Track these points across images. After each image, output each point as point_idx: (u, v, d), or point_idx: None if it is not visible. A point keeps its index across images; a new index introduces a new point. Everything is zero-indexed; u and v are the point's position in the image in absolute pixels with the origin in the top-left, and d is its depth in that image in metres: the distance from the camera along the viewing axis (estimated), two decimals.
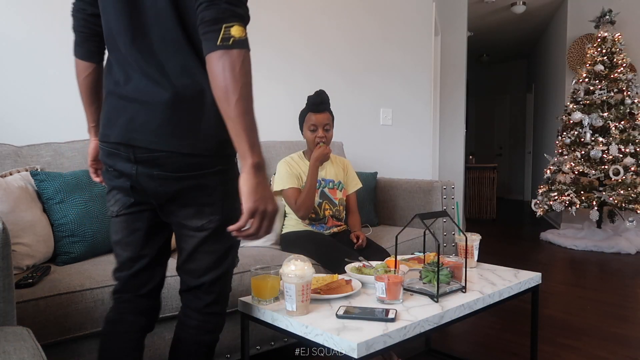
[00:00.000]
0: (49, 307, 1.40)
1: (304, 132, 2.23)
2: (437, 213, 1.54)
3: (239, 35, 0.93)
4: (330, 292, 1.40)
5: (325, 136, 2.18)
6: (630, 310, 2.71)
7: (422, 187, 2.72)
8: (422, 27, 3.93)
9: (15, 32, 2.14)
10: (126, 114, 1.03)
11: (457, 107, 5.13)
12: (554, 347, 2.18)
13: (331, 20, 3.35)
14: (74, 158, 2.00)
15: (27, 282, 1.44)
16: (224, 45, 0.92)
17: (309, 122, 2.17)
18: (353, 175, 2.41)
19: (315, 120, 2.15)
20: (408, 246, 2.43)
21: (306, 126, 2.19)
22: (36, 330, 1.36)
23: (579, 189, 4.55)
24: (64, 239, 1.75)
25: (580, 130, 4.60)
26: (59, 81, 2.25)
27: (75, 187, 1.81)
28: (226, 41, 0.92)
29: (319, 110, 2.16)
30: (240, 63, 0.93)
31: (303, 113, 2.22)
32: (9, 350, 0.89)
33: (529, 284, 1.68)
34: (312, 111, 2.17)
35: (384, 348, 1.16)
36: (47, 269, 1.59)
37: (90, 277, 1.53)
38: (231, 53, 0.92)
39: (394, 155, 3.74)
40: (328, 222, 2.24)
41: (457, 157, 5.17)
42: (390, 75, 3.70)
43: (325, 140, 2.18)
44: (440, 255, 1.45)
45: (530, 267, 2.44)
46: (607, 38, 4.63)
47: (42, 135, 2.17)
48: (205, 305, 1.17)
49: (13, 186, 1.69)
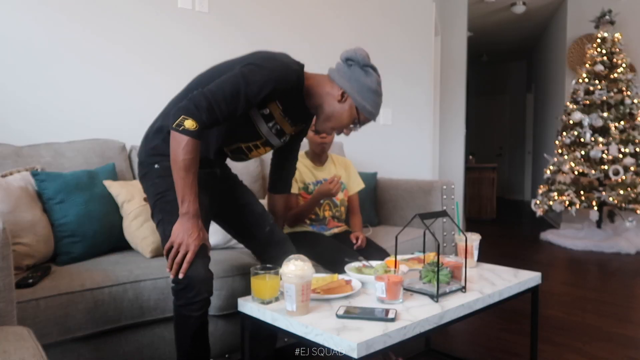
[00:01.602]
0: (50, 307, 1.40)
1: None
2: (437, 213, 1.54)
3: (189, 126, 1.34)
4: (330, 292, 1.40)
5: (327, 137, 2.18)
6: (630, 310, 2.71)
7: (422, 187, 2.72)
8: (422, 27, 3.93)
9: (15, 32, 2.14)
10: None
11: (457, 107, 5.13)
12: (554, 347, 2.18)
13: (331, 20, 3.35)
14: (74, 158, 2.00)
15: (27, 282, 1.44)
16: (175, 129, 1.34)
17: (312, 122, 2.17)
18: (355, 176, 2.40)
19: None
20: (408, 246, 2.43)
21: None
22: (37, 330, 1.36)
23: (579, 189, 4.55)
24: (64, 239, 1.75)
25: (580, 130, 4.60)
26: (59, 81, 2.25)
27: (75, 187, 1.81)
28: (178, 127, 1.34)
29: None
30: (183, 145, 1.34)
31: None
32: (9, 350, 0.89)
33: (528, 284, 1.68)
34: None
35: (384, 348, 1.16)
36: (48, 269, 1.59)
37: (91, 278, 1.53)
38: (178, 135, 1.34)
39: (394, 155, 3.73)
40: (329, 223, 2.24)
41: (457, 157, 5.17)
42: (390, 75, 3.70)
43: (327, 142, 2.19)
44: (440, 255, 1.45)
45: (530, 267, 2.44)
46: (607, 38, 4.63)
47: (42, 135, 2.17)
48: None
49: (13, 186, 1.69)
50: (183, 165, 1.35)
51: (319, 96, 1.57)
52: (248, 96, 1.41)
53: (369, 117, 1.60)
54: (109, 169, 2.02)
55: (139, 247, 1.84)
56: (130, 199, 1.89)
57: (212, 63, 2.74)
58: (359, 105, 1.56)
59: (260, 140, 1.61)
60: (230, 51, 2.83)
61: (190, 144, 1.34)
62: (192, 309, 1.38)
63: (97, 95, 2.36)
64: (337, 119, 1.58)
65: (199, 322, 1.41)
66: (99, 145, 2.10)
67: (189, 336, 1.41)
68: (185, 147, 1.34)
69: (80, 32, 2.31)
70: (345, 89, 1.55)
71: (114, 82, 2.41)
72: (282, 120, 1.60)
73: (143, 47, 2.51)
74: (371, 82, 1.57)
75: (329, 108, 1.57)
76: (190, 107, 1.35)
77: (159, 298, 1.59)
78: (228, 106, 1.39)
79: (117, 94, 2.42)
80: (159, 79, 2.56)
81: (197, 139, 1.36)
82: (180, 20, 2.63)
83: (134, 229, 1.86)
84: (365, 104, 1.56)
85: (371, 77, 1.58)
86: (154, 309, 1.58)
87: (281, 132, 1.63)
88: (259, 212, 1.73)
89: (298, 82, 1.54)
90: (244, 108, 1.43)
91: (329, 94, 1.56)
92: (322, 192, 2.07)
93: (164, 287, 1.60)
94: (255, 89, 1.41)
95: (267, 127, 1.58)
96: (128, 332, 1.57)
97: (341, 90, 1.55)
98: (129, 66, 2.46)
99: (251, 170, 2.52)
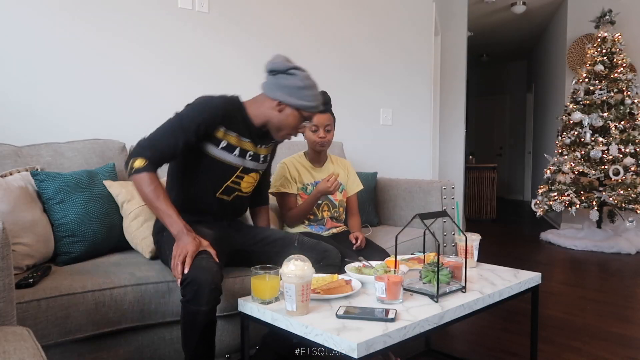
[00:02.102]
0: (51, 307, 1.40)
1: (305, 132, 2.23)
2: (437, 213, 1.54)
3: (138, 165, 1.50)
4: (330, 292, 1.40)
5: (326, 137, 2.18)
6: (630, 310, 2.71)
7: (422, 187, 2.72)
8: (422, 27, 3.92)
9: (15, 33, 2.14)
10: None
11: (457, 107, 5.13)
12: (554, 347, 2.18)
13: (331, 20, 3.35)
14: (74, 158, 2.00)
15: (27, 282, 1.44)
16: (130, 173, 1.53)
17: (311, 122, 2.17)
18: (354, 177, 2.40)
19: (316, 121, 2.15)
20: (408, 246, 2.43)
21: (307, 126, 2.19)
22: (37, 331, 1.36)
23: (579, 189, 4.55)
24: (64, 239, 1.75)
25: (580, 130, 4.59)
26: (60, 81, 2.26)
27: (75, 187, 1.81)
28: (131, 170, 1.52)
29: (320, 111, 2.16)
30: (142, 182, 1.51)
31: None
32: (9, 350, 0.89)
33: (528, 284, 1.68)
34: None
35: (384, 348, 1.16)
36: (48, 269, 1.59)
37: (92, 279, 1.54)
38: (135, 177, 1.52)
39: (394, 155, 3.73)
40: (327, 223, 2.24)
41: (457, 157, 5.17)
42: (390, 75, 3.70)
43: (326, 141, 2.19)
44: (440, 255, 1.45)
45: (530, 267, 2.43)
46: (607, 38, 4.63)
47: (42, 135, 2.17)
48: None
49: (13, 186, 1.69)
50: (152, 197, 1.50)
51: (263, 115, 1.71)
52: (184, 127, 1.56)
53: (312, 110, 1.72)
54: (109, 169, 2.02)
55: (139, 247, 1.84)
56: (130, 199, 1.89)
57: (212, 63, 2.77)
58: (297, 106, 1.68)
59: (238, 169, 1.73)
60: (230, 51, 2.84)
61: (146, 177, 1.51)
62: (199, 303, 1.39)
63: (97, 95, 2.36)
64: (285, 127, 1.71)
65: (207, 318, 1.42)
66: (98, 146, 2.10)
67: (196, 333, 1.42)
68: (145, 182, 1.50)
69: (80, 32, 2.31)
70: (278, 98, 1.67)
71: (114, 82, 2.41)
72: (243, 144, 1.71)
73: (143, 47, 2.51)
74: (298, 81, 1.67)
75: (275, 120, 1.70)
76: (134, 150, 1.55)
77: (160, 302, 1.59)
78: (168, 140, 1.55)
79: (117, 94, 2.42)
80: (159, 79, 2.56)
81: (151, 171, 1.52)
82: (180, 20, 2.63)
83: (134, 229, 1.86)
84: (301, 102, 1.68)
85: (296, 77, 1.68)
86: (154, 312, 1.58)
87: (254, 155, 1.75)
88: (281, 235, 1.83)
89: (236, 108, 1.69)
90: (185, 140, 1.57)
91: (269, 108, 1.70)
92: (320, 191, 2.08)
93: (165, 292, 1.60)
94: (187, 121, 1.57)
95: (233, 156, 1.70)
96: (128, 333, 1.57)
97: (275, 101, 1.68)
98: (129, 66, 2.46)
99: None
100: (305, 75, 1.70)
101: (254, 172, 1.78)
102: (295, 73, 1.68)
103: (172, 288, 1.60)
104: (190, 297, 1.40)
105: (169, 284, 1.60)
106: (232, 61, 2.84)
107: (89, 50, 2.33)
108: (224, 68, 2.81)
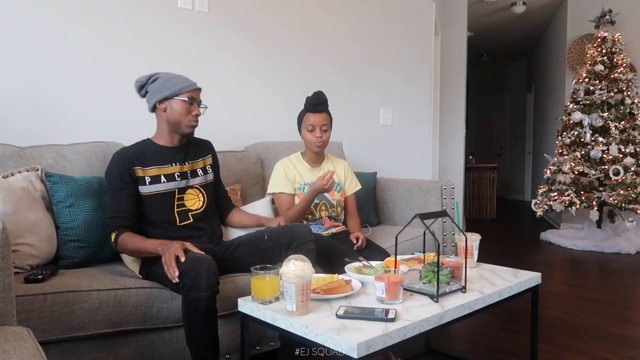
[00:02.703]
0: (56, 302, 1.42)
1: (302, 132, 2.23)
2: (437, 213, 1.54)
3: (113, 239, 1.67)
4: (330, 292, 1.40)
5: (323, 137, 2.18)
6: (630, 310, 2.71)
7: (422, 187, 2.72)
8: (422, 27, 3.93)
9: (17, 33, 2.14)
10: None
11: (457, 107, 5.13)
12: (554, 347, 2.18)
13: (331, 20, 3.35)
14: (76, 161, 2.00)
15: (37, 278, 1.47)
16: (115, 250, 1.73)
17: (307, 122, 2.17)
18: (352, 177, 2.41)
19: (313, 121, 2.16)
20: (408, 246, 2.43)
21: (304, 127, 2.20)
22: (40, 325, 1.38)
23: (579, 189, 4.55)
24: (69, 243, 1.75)
25: (580, 130, 4.59)
26: (62, 83, 2.25)
27: (86, 192, 1.82)
28: (115, 247, 1.69)
29: (317, 111, 2.17)
30: (123, 250, 1.69)
31: (301, 114, 2.23)
32: (9, 350, 0.90)
33: (528, 284, 1.68)
34: (310, 111, 2.17)
35: (384, 348, 1.16)
36: (56, 269, 1.62)
37: (98, 280, 1.56)
38: (119, 250, 1.71)
39: (394, 155, 3.73)
40: (325, 222, 2.24)
41: (457, 157, 5.17)
42: (390, 75, 3.70)
43: (323, 141, 2.19)
44: (440, 255, 1.45)
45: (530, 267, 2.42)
46: (607, 38, 4.63)
47: (44, 136, 2.17)
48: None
49: (15, 187, 1.69)
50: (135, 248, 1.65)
51: (162, 127, 1.83)
52: (114, 187, 1.71)
53: (187, 90, 1.79)
54: None
55: (130, 265, 1.79)
56: None
57: (212, 63, 2.77)
58: (170, 94, 1.77)
59: (175, 192, 1.81)
60: (230, 51, 2.84)
61: (123, 240, 1.66)
62: (199, 289, 1.43)
63: (98, 96, 2.36)
64: (177, 117, 1.79)
65: (208, 305, 1.45)
66: (101, 148, 2.09)
67: (199, 322, 1.45)
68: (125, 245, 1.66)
69: (80, 33, 2.31)
70: (157, 100, 1.79)
71: (114, 82, 2.41)
72: (164, 170, 1.80)
73: (143, 48, 2.51)
74: (163, 79, 1.79)
75: (169, 119, 1.80)
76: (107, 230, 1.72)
77: (162, 307, 1.60)
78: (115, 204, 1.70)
79: (117, 94, 2.42)
80: None
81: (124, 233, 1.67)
82: (180, 20, 2.63)
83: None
84: (171, 90, 1.77)
85: (161, 77, 1.80)
86: (156, 317, 1.59)
87: (183, 174, 1.83)
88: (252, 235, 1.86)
89: (142, 146, 1.82)
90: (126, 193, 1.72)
91: (160, 118, 1.82)
92: (316, 189, 2.08)
93: (169, 298, 1.61)
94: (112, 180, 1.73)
95: (163, 184, 1.79)
96: (129, 334, 1.57)
97: (156, 106, 1.80)
98: (129, 66, 2.46)
99: (251, 173, 2.53)
100: (166, 72, 1.82)
101: (192, 188, 1.86)
102: (158, 76, 1.81)
103: (175, 295, 1.61)
104: (189, 284, 1.44)
105: (172, 292, 1.61)
106: (232, 61, 2.84)
107: (89, 51, 2.33)
108: (224, 68, 2.81)
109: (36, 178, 1.81)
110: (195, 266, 1.46)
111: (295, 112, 2.36)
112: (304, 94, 2.25)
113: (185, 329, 1.50)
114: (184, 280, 1.46)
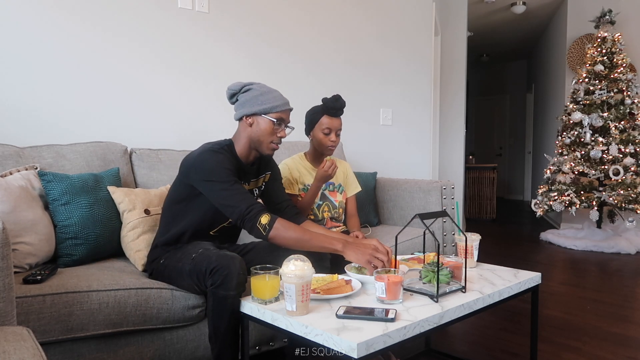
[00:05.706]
0: (55, 304, 1.41)
1: (314, 133, 2.19)
2: (437, 213, 1.54)
3: (266, 221, 1.59)
4: (330, 292, 1.40)
5: (337, 140, 2.19)
6: (630, 310, 2.71)
7: (422, 187, 2.72)
8: (422, 27, 3.93)
9: (16, 34, 2.14)
10: None
11: (457, 107, 5.13)
12: (554, 347, 2.18)
13: (331, 20, 3.35)
14: (76, 161, 2.00)
15: (35, 279, 1.46)
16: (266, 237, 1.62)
17: (324, 125, 2.15)
18: (352, 179, 2.42)
19: (330, 124, 2.15)
20: (408, 246, 2.43)
21: (319, 128, 2.16)
22: (39, 326, 1.38)
23: (579, 189, 4.55)
24: (66, 241, 1.75)
25: (580, 130, 4.59)
26: (61, 83, 2.26)
27: (81, 189, 1.82)
28: (264, 231, 1.60)
29: (336, 115, 2.16)
30: (274, 235, 1.59)
31: (317, 115, 2.18)
32: (9, 350, 0.90)
33: (528, 284, 1.68)
34: (329, 115, 2.15)
35: (384, 348, 1.16)
36: (55, 268, 1.61)
37: (97, 280, 1.55)
38: (271, 236, 1.61)
39: (394, 155, 3.74)
40: (327, 223, 2.25)
41: (457, 157, 5.17)
42: (390, 75, 3.71)
43: (336, 145, 2.20)
44: (440, 255, 1.45)
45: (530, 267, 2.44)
46: (607, 38, 4.63)
47: (44, 136, 2.17)
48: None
49: (14, 186, 1.69)
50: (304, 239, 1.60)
51: (244, 139, 1.75)
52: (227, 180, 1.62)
53: (280, 109, 1.73)
54: (114, 173, 2.01)
55: (132, 258, 1.83)
56: (131, 208, 1.89)
57: (212, 63, 2.77)
58: (262, 111, 1.70)
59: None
60: (231, 51, 2.84)
61: (281, 227, 1.60)
62: (228, 287, 1.44)
63: (98, 96, 2.36)
64: (262, 135, 1.73)
65: (235, 305, 1.45)
66: (100, 148, 2.09)
67: (225, 320, 1.45)
68: (284, 232, 1.59)
69: (80, 33, 2.31)
70: (244, 114, 1.72)
71: (114, 83, 2.41)
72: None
73: (143, 48, 2.51)
74: (256, 92, 1.72)
75: (252, 135, 1.73)
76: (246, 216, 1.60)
77: (163, 308, 1.59)
78: (247, 198, 1.62)
79: (117, 95, 2.42)
80: (159, 80, 2.56)
81: (278, 219, 1.60)
82: (180, 20, 2.63)
83: (130, 240, 1.85)
84: (265, 106, 1.70)
85: (254, 90, 1.73)
86: (156, 318, 1.58)
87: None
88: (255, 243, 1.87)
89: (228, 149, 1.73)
90: (245, 190, 1.65)
91: (243, 129, 1.74)
92: (320, 179, 2.07)
93: (169, 298, 1.60)
94: (220, 173, 1.63)
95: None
96: (129, 334, 1.57)
97: (244, 118, 1.73)
98: (129, 67, 2.46)
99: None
100: (261, 85, 1.75)
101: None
102: (251, 87, 1.74)
103: (176, 296, 1.61)
104: (219, 282, 1.44)
105: (172, 292, 1.61)
106: (233, 61, 2.84)
107: (90, 51, 2.34)
108: (225, 68, 2.81)
109: (35, 177, 1.81)
110: (227, 264, 1.45)
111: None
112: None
113: (209, 326, 1.50)
114: (214, 277, 1.45)
